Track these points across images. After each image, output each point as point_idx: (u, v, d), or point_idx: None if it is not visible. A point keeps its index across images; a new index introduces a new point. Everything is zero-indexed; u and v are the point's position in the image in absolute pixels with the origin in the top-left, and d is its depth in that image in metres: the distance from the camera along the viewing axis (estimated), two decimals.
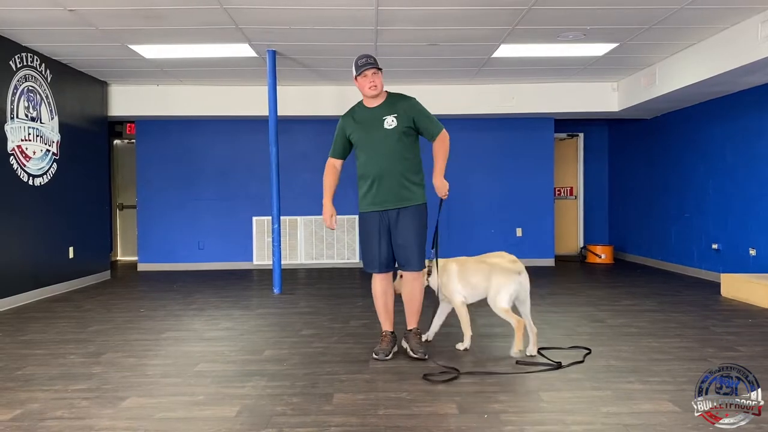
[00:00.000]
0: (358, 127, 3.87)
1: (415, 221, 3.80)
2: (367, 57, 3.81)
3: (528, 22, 5.65)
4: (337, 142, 3.98)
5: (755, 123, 6.68)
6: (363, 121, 3.86)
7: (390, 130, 3.78)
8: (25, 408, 3.03)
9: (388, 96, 3.90)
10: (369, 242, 3.90)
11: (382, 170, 3.79)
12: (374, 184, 3.82)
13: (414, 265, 3.84)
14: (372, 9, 5.25)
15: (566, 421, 2.80)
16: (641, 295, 6.28)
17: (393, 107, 3.83)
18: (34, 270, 6.40)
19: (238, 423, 2.81)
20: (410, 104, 3.85)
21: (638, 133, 9.36)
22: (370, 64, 3.77)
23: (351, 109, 3.98)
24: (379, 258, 3.87)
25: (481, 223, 9.10)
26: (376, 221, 3.85)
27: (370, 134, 3.82)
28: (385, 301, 3.97)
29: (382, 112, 3.83)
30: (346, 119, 3.94)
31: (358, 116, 3.89)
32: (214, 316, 5.37)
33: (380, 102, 3.87)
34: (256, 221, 9.04)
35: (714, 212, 7.44)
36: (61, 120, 6.96)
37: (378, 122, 3.81)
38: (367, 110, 3.88)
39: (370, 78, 3.78)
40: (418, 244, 3.81)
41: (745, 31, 5.59)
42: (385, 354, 3.87)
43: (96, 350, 4.18)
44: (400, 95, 3.92)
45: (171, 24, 5.61)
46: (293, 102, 8.20)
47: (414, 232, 3.80)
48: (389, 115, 3.81)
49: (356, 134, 3.87)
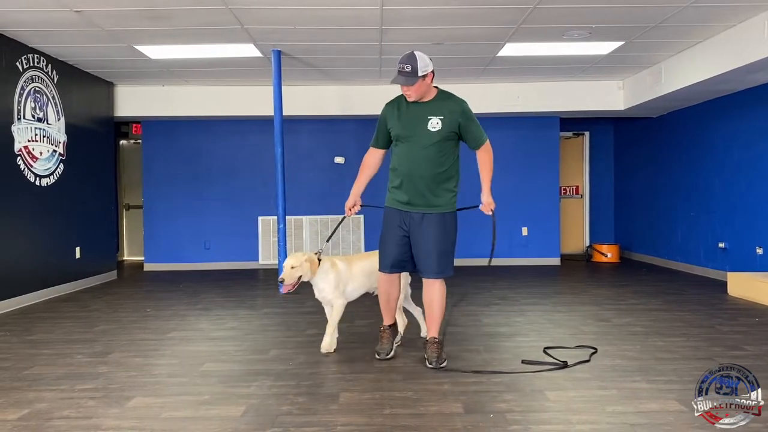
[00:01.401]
0: (400, 120, 3.67)
1: (438, 229, 3.64)
2: (404, 64, 3.51)
3: (533, 21, 5.64)
4: (379, 131, 3.80)
5: (762, 121, 6.65)
6: (406, 116, 3.66)
7: (433, 133, 3.60)
8: (33, 407, 3.04)
9: (438, 94, 3.69)
10: (385, 238, 3.77)
11: (413, 171, 3.63)
12: (403, 183, 3.67)
13: (432, 272, 3.67)
14: (377, 8, 5.25)
15: (572, 420, 2.80)
16: (647, 294, 6.26)
17: (440, 108, 3.62)
18: (41, 270, 6.43)
19: (244, 422, 2.81)
20: (460, 108, 3.65)
21: (644, 131, 9.33)
22: (401, 75, 3.51)
23: (398, 98, 3.74)
24: (389, 257, 3.75)
25: (486, 222, 9.06)
26: (396, 219, 3.72)
27: (412, 132, 3.63)
28: (387, 299, 3.89)
29: (428, 111, 3.63)
30: (390, 109, 3.74)
31: (403, 109, 3.68)
32: (220, 316, 5.39)
33: (429, 99, 3.66)
34: (261, 221, 9.05)
35: (720, 211, 7.41)
36: (68, 121, 6.99)
37: (422, 121, 3.62)
38: (414, 105, 3.66)
39: (404, 89, 3.60)
40: (438, 252, 3.63)
41: (751, 29, 5.56)
42: (386, 353, 3.82)
43: (102, 350, 4.20)
44: (451, 96, 3.70)
45: (176, 24, 5.62)
46: (298, 102, 8.21)
47: (435, 239, 3.63)
48: (435, 116, 3.60)
49: (397, 128, 3.69)
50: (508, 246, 9.16)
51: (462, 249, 9.03)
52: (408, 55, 3.55)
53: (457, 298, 6.05)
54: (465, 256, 8.98)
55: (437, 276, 3.69)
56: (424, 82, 3.57)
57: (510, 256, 9.11)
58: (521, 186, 9.12)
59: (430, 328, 3.79)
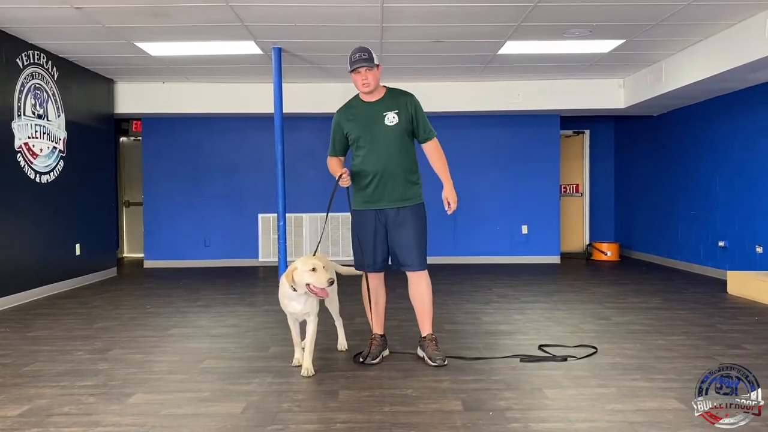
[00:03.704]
0: (355, 122, 3.71)
1: (415, 220, 3.68)
2: (361, 52, 3.62)
3: (534, 19, 5.63)
4: (335, 139, 3.82)
5: (762, 120, 6.64)
6: (361, 117, 3.71)
7: (392, 127, 3.66)
8: (33, 404, 3.05)
9: (388, 91, 3.76)
10: (364, 240, 3.74)
11: (384, 168, 3.65)
12: (373, 182, 3.68)
13: (416, 265, 3.69)
14: (377, 6, 5.25)
15: (571, 418, 2.80)
16: (647, 293, 6.27)
17: (393, 103, 3.70)
18: (41, 267, 6.43)
19: (244, 419, 2.82)
20: (411, 101, 3.72)
21: (645, 130, 9.32)
22: (363, 60, 3.58)
23: (346, 103, 3.83)
24: (374, 257, 3.74)
25: (486, 221, 9.08)
26: (372, 219, 3.73)
27: (370, 130, 3.68)
28: (376, 299, 3.82)
29: (381, 107, 3.69)
30: (341, 115, 3.79)
31: (355, 111, 3.74)
32: (220, 313, 5.39)
33: (379, 97, 3.72)
34: (261, 218, 9.05)
35: (721, 209, 7.41)
36: (68, 117, 6.98)
37: (378, 118, 3.67)
38: (366, 105, 3.73)
39: (363, 75, 3.62)
40: (418, 244, 3.68)
41: (752, 27, 5.56)
42: (373, 357, 3.70)
43: (103, 347, 4.20)
44: (400, 91, 3.78)
45: (177, 21, 5.62)
46: (299, 99, 8.20)
47: (415, 231, 3.67)
48: (390, 111, 3.67)
49: (354, 130, 3.71)
50: (508, 244, 9.17)
51: (465, 247, 9.04)
52: (358, 47, 3.69)
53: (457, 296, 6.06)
54: (465, 255, 9.01)
55: (421, 268, 3.72)
56: (378, 71, 3.68)
57: (510, 254, 9.11)
58: (521, 184, 9.12)
59: (424, 325, 3.77)
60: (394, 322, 4.90)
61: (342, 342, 4.05)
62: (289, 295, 3.47)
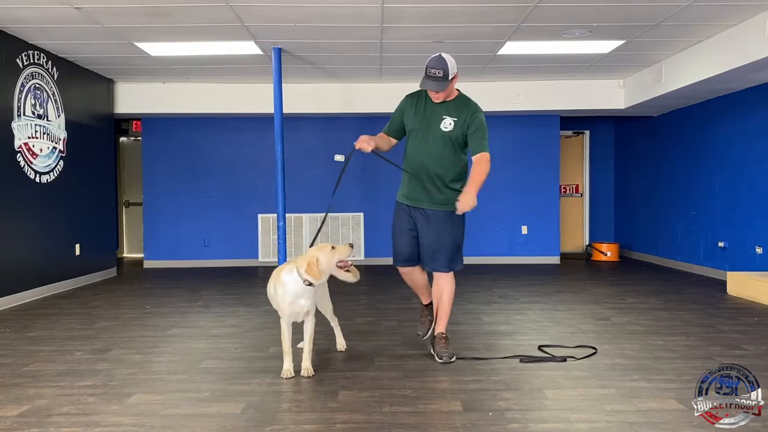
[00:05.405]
0: (416, 115, 3.74)
1: (443, 224, 3.69)
2: (435, 69, 3.54)
3: (534, 19, 5.63)
4: (393, 121, 3.85)
5: (762, 120, 6.65)
6: (423, 113, 3.73)
7: (444, 132, 3.66)
8: (33, 404, 3.05)
9: (458, 96, 3.76)
10: (395, 233, 3.86)
11: (421, 167, 3.70)
12: (411, 178, 3.75)
13: (440, 267, 3.75)
14: (378, 6, 5.25)
15: (571, 418, 2.80)
16: (647, 293, 6.27)
17: (456, 110, 3.69)
18: (41, 267, 6.43)
19: (244, 420, 2.82)
20: (472, 115, 3.68)
21: (644, 130, 9.33)
22: (432, 79, 3.55)
23: (417, 93, 3.81)
24: (401, 254, 3.83)
25: (486, 221, 9.08)
26: (404, 214, 3.80)
27: (426, 128, 3.70)
28: (413, 285, 4.00)
29: (444, 110, 3.70)
30: (409, 102, 3.81)
31: (422, 104, 3.75)
32: (220, 313, 5.39)
33: (448, 99, 3.73)
34: (261, 218, 9.05)
35: (720, 210, 7.41)
36: (68, 117, 6.98)
37: (436, 119, 3.69)
38: (431, 103, 3.73)
39: (433, 94, 3.66)
40: (443, 247, 3.71)
41: (752, 28, 5.56)
42: (424, 334, 4.01)
43: (102, 347, 4.20)
44: (469, 101, 3.76)
45: (177, 21, 5.62)
46: (299, 99, 8.20)
47: (439, 234, 3.69)
48: (449, 116, 3.67)
49: (411, 122, 3.75)
50: (508, 244, 9.17)
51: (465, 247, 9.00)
52: (436, 59, 3.59)
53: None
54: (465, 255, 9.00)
55: (443, 269, 3.77)
56: (452, 84, 3.65)
57: (510, 254, 9.12)
58: (521, 184, 9.12)
59: (439, 323, 3.84)
60: (394, 322, 4.91)
61: (340, 342, 4.06)
62: (297, 293, 3.40)
